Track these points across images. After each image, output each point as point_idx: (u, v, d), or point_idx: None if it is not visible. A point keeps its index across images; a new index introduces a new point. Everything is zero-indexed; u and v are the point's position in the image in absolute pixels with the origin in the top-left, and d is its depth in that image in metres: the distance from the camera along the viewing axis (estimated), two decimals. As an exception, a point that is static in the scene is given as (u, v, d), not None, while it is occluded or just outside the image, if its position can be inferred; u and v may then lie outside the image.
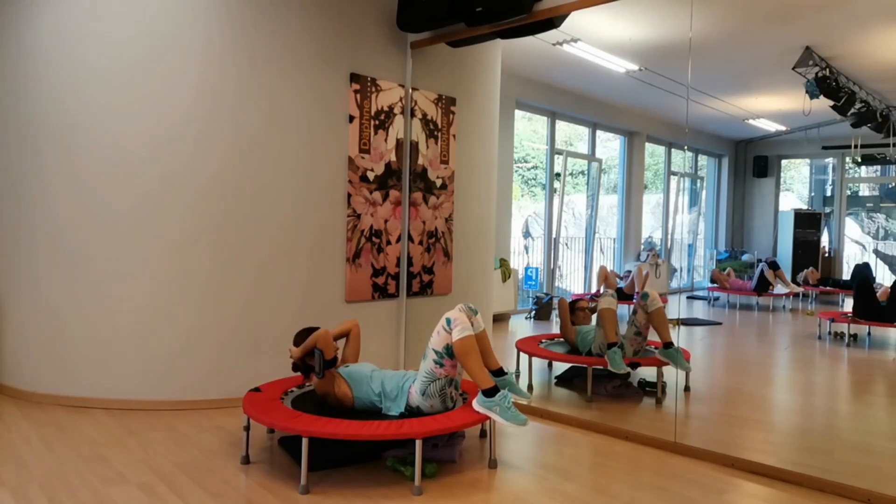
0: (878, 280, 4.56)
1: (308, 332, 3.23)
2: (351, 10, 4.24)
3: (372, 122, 4.34)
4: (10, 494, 2.56)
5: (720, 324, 5.55)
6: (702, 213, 5.61)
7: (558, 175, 6.08)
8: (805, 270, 4.91)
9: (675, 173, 6.10)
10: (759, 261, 5.27)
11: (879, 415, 3.90)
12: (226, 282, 3.86)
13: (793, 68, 4.18)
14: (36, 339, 3.90)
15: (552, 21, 3.77)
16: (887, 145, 4.24)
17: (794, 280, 5.01)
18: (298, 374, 3.28)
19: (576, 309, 4.52)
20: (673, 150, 6.11)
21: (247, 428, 2.98)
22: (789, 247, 5.06)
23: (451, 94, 4.79)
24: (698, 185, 5.73)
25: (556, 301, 5.86)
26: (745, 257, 5.39)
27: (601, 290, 5.56)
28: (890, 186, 4.65)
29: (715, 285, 5.59)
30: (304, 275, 4.10)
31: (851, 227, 4.79)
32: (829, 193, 5.03)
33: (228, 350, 3.88)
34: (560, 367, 4.58)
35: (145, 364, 3.77)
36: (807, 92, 4.16)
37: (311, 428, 2.65)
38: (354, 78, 4.24)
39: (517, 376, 4.39)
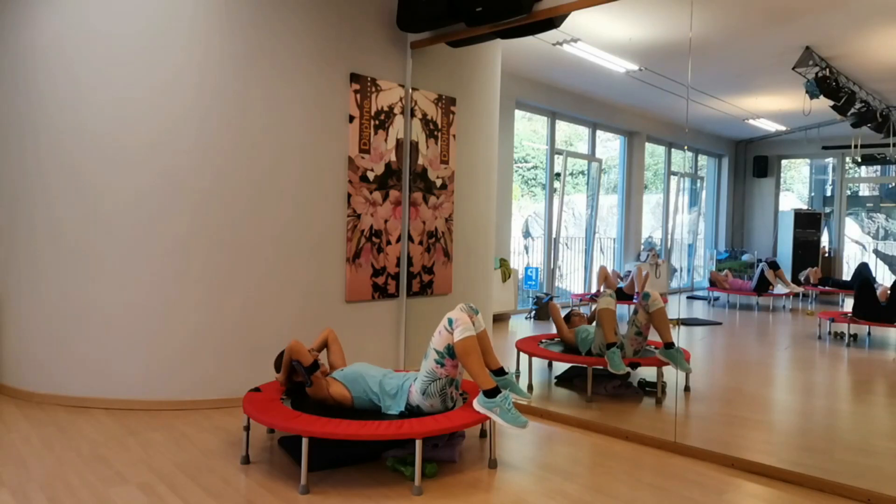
0: (878, 280, 4.56)
1: (281, 354, 3.30)
2: (351, 10, 4.23)
3: (372, 122, 4.34)
4: (10, 494, 2.56)
5: (720, 324, 5.55)
6: (702, 213, 5.61)
7: (558, 175, 6.08)
8: (808, 269, 4.91)
9: (675, 173, 6.10)
10: (759, 261, 5.27)
11: (879, 415, 3.90)
12: (226, 282, 3.86)
13: (793, 68, 4.17)
14: (36, 339, 3.90)
15: (552, 21, 3.77)
16: (887, 145, 4.24)
17: (795, 279, 5.01)
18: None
19: (571, 316, 4.55)
20: (673, 150, 6.11)
21: (247, 428, 2.98)
22: (789, 247, 5.06)
23: (451, 94, 4.79)
24: (698, 185, 5.73)
25: (556, 301, 5.86)
26: (745, 257, 5.39)
27: (601, 290, 5.56)
28: (890, 186, 4.65)
29: (714, 286, 5.59)
30: (304, 275, 4.10)
31: (851, 227, 4.79)
32: (829, 193, 5.03)
33: (228, 350, 3.88)
34: (560, 367, 4.58)
35: (145, 364, 3.77)
36: (807, 92, 4.16)
37: (311, 428, 2.65)
38: (354, 78, 4.24)
39: (517, 376, 4.39)
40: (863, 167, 4.70)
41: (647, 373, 4.26)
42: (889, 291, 4.41)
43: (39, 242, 3.88)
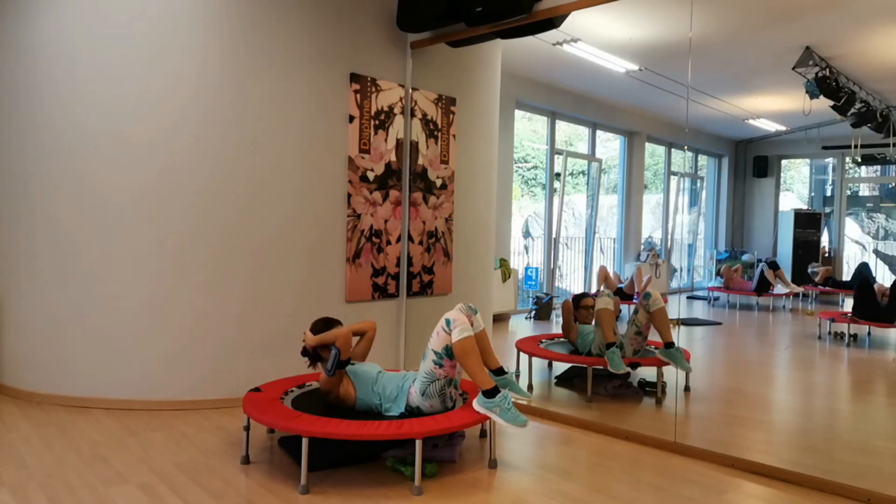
0: (878, 280, 4.56)
1: (328, 322, 3.19)
2: (351, 10, 4.23)
3: (372, 122, 4.34)
4: (10, 494, 2.56)
5: (720, 324, 5.55)
6: (702, 213, 5.62)
7: (558, 175, 6.08)
8: (819, 268, 4.90)
9: (675, 173, 6.10)
10: (759, 261, 5.27)
11: (879, 415, 3.90)
12: (226, 282, 3.86)
13: (793, 68, 4.18)
14: (36, 339, 3.90)
15: (552, 21, 3.77)
16: (887, 145, 4.24)
17: (797, 278, 5.00)
18: (305, 359, 3.24)
19: (580, 306, 4.50)
20: (673, 150, 6.11)
21: (247, 428, 2.98)
22: (789, 247, 5.06)
23: (451, 94, 4.79)
24: (698, 185, 5.73)
25: (556, 301, 5.87)
26: (745, 257, 5.39)
27: (600, 290, 5.55)
28: (890, 186, 4.65)
29: (716, 284, 5.59)
30: (303, 274, 4.10)
31: (851, 227, 4.79)
32: (829, 193, 5.03)
33: (228, 350, 3.88)
34: (560, 367, 4.58)
35: (145, 364, 3.77)
36: (807, 92, 4.16)
37: (311, 428, 2.65)
38: (354, 78, 4.24)
39: (517, 376, 4.39)
40: (863, 167, 4.70)
41: (647, 373, 4.26)
42: (889, 291, 4.41)
43: (40, 242, 3.88)
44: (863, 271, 4.67)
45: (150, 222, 3.75)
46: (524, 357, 4.39)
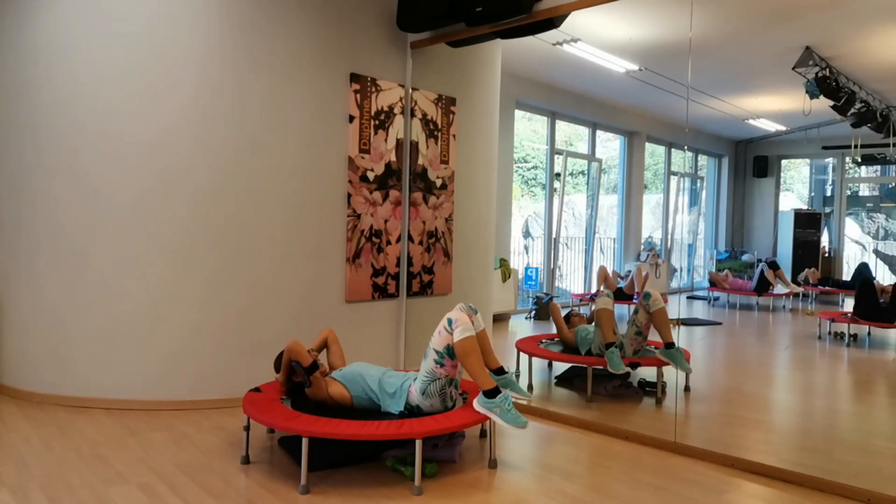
0: (878, 280, 4.56)
1: (280, 355, 3.29)
2: (351, 10, 4.24)
3: (372, 122, 4.34)
4: (10, 494, 2.56)
5: (720, 324, 5.55)
6: (702, 213, 5.62)
7: (558, 175, 6.08)
8: (806, 270, 4.91)
9: (675, 173, 6.10)
10: (759, 261, 5.27)
11: (879, 415, 3.90)
12: (226, 282, 3.86)
13: (793, 68, 4.18)
14: (36, 339, 3.90)
15: (552, 21, 3.77)
16: (887, 145, 4.24)
17: (794, 280, 5.01)
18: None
19: (571, 316, 4.56)
20: (673, 150, 6.11)
21: (247, 428, 2.98)
22: (789, 247, 5.06)
23: (451, 94, 4.79)
24: (698, 185, 5.73)
25: (556, 301, 5.87)
26: (745, 257, 5.39)
27: (600, 290, 5.56)
28: (890, 186, 4.65)
29: (714, 286, 5.59)
30: (304, 275, 4.10)
31: (851, 227, 4.79)
32: (829, 193, 5.03)
33: (228, 350, 3.88)
34: (560, 367, 4.58)
35: (145, 364, 3.77)
36: (807, 92, 4.16)
37: (311, 428, 2.65)
38: (354, 78, 4.24)
39: (517, 376, 4.39)
40: (863, 167, 4.70)
41: (647, 373, 4.26)
42: (890, 291, 4.41)
43: (40, 242, 3.88)
44: (863, 271, 4.67)
45: (151, 222, 3.75)
46: (524, 357, 4.39)
